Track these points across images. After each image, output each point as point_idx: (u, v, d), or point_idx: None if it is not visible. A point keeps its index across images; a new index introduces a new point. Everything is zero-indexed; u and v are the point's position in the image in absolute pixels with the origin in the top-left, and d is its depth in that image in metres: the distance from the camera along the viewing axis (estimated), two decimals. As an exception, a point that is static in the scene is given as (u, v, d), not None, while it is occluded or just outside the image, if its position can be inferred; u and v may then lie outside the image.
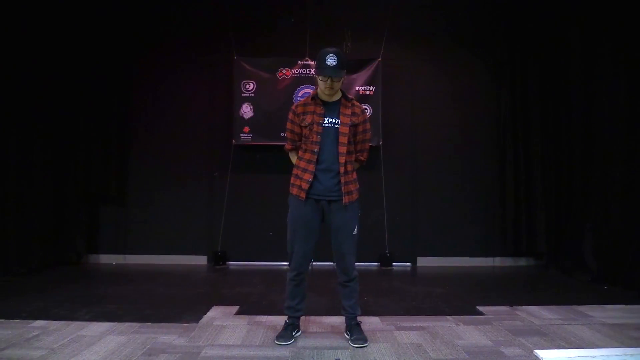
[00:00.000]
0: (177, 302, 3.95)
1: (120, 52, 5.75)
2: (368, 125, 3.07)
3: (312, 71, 5.41)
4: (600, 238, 4.88)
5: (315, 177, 2.92)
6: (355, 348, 2.90)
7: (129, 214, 5.87)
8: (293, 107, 3.04)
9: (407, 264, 5.82)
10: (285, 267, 3.05)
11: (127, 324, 3.30)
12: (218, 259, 5.71)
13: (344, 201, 2.90)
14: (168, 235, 5.81)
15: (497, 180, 5.83)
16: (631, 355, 2.65)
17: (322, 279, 4.63)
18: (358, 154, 3.05)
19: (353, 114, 2.97)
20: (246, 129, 5.72)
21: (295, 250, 2.98)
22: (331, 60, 2.82)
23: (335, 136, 2.92)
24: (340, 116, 2.94)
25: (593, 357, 2.65)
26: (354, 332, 3.00)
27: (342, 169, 2.91)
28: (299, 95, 5.63)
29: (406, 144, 5.90)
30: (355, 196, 2.98)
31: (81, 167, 5.67)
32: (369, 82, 5.70)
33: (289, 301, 3.07)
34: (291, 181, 3.01)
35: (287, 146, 3.15)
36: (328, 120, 2.94)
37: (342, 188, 2.90)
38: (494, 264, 5.78)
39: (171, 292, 4.36)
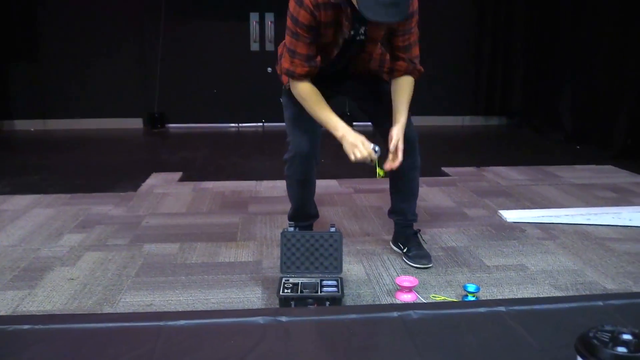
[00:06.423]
0: (110, 170, 3.95)
1: None
2: (414, 22, 2.07)
3: None
4: (579, 95, 5.02)
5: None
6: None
7: (44, 73, 5.57)
8: (307, 2, 1.90)
9: (368, 123, 5.88)
10: (232, 128, 3.01)
11: (54, 195, 3.29)
12: (155, 121, 5.63)
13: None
14: (94, 96, 5.62)
15: (472, 38, 5.80)
16: (595, 214, 2.88)
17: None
18: (409, 63, 2.13)
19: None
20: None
21: (294, 132, 2.37)
22: None
23: (356, 52, 2.19)
24: (369, 24, 2.04)
25: (557, 216, 2.86)
26: (413, 246, 2.35)
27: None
28: None
29: None
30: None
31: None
32: None
33: (293, 209, 2.47)
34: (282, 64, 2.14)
35: (297, 71, 2.05)
36: (353, 32, 2.07)
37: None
38: (464, 124, 5.94)
39: (103, 160, 4.33)
